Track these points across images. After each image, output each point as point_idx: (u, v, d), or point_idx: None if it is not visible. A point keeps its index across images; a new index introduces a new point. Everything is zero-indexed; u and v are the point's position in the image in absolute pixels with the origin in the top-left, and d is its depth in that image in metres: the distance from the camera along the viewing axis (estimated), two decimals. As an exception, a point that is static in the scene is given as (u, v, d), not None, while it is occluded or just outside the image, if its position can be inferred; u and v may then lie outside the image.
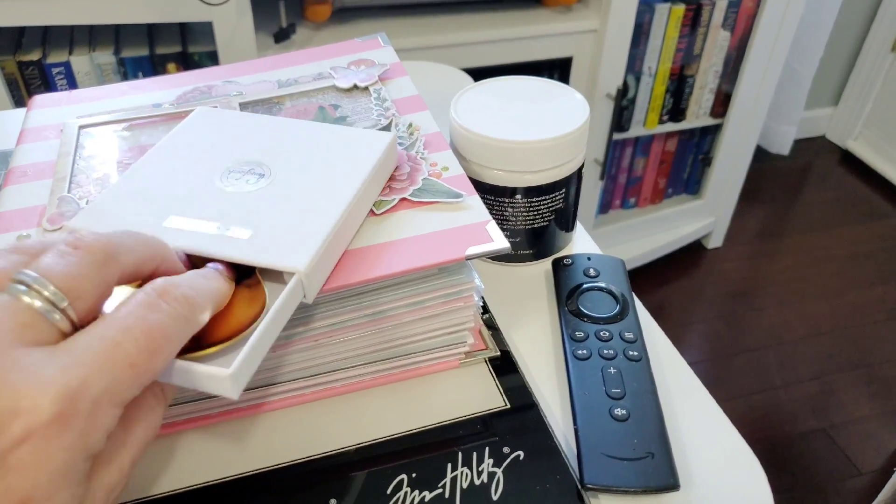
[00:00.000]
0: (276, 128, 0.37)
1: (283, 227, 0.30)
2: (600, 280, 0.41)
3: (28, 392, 0.18)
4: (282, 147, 0.36)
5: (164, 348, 0.21)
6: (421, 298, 0.34)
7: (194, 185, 0.33)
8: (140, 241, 0.24)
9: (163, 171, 0.34)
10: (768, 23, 1.29)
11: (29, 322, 0.20)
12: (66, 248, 0.22)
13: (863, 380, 1.34)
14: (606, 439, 0.32)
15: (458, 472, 0.32)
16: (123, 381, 0.20)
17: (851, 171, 1.94)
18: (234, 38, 0.95)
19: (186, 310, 0.23)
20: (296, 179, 0.34)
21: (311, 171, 0.34)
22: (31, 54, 0.93)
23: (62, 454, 0.19)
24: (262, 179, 0.33)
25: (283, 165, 0.34)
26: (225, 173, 0.34)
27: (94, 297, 0.22)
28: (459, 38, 1.10)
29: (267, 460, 0.33)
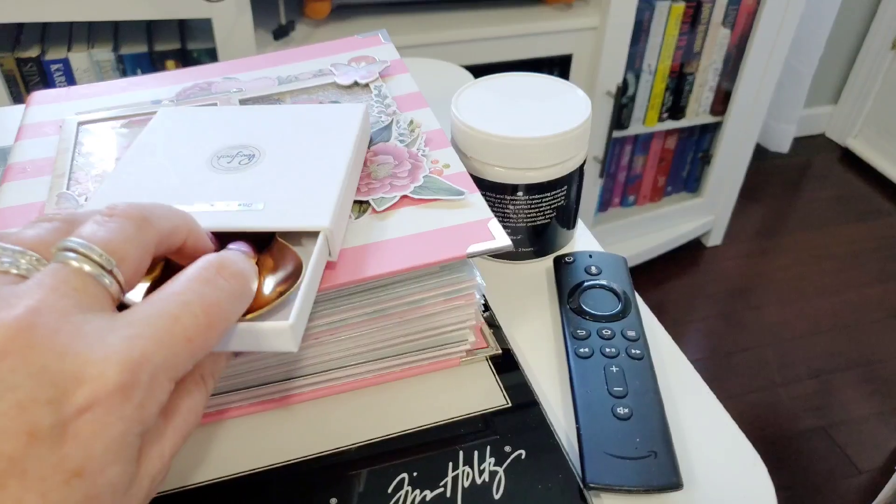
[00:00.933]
0: (248, 115, 0.38)
1: (293, 195, 0.31)
2: (602, 278, 0.40)
3: (93, 359, 0.18)
4: (262, 130, 0.36)
5: (219, 324, 0.22)
6: (422, 296, 0.34)
7: (187, 175, 0.33)
8: (169, 209, 0.25)
9: (148, 168, 0.34)
10: (769, 20, 1.29)
11: (81, 286, 0.20)
12: (102, 217, 0.22)
13: (862, 378, 1.34)
14: (609, 438, 0.32)
15: (459, 472, 0.32)
16: (180, 355, 0.20)
17: (851, 169, 1.94)
18: (233, 35, 0.95)
19: (241, 286, 0.23)
20: (287, 154, 0.34)
21: (299, 145, 0.35)
22: (29, 51, 0.92)
23: (120, 425, 0.18)
24: (253, 159, 0.34)
25: (270, 144, 0.35)
26: (214, 159, 0.34)
27: (137, 261, 0.22)
28: (459, 35, 1.10)
29: (268, 459, 0.32)
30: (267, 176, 0.33)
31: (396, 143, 0.38)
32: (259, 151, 0.34)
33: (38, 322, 0.18)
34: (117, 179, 0.33)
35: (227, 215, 0.30)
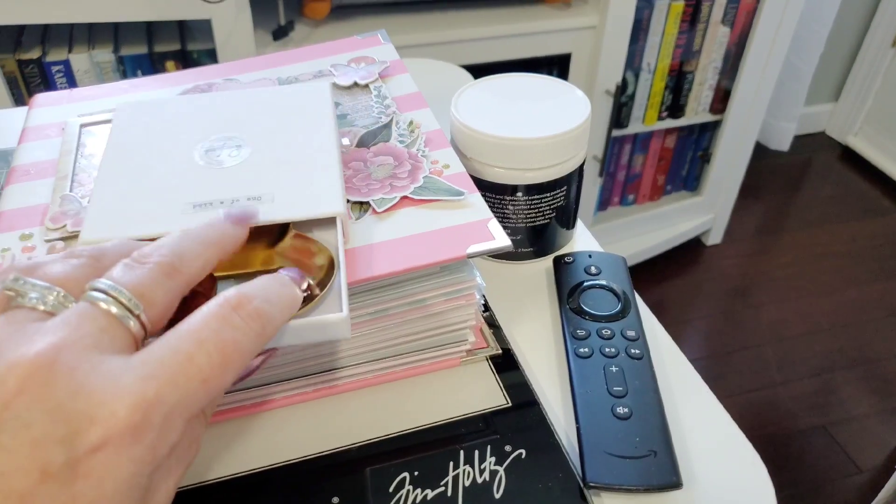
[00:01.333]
0: (215, 103, 0.38)
1: (297, 183, 0.32)
2: (601, 278, 0.41)
3: (106, 399, 0.18)
4: (237, 118, 0.37)
5: (235, 364, 0.21)
6: (422, 297, 0.34)
7: (181, 173, 0.33)
8: (201, 244, 0.24)
9: (137, 170, 0.33)
10: (768, 19, 1.29)
11: (107, 327, 0.20)
12: (133, 262, 0.22)
13: (862, 377, 1.34)
14: (608, 437, 0.32)
15: (459, 471, 0.32)
16: (194, 395, 0.20)
17: (851, 167, 1.94)
18: (233, 36, 0.95)
19: (259, 326, 0.22)
20: (273, 141, 0.35)
21: (281, 131, 0.36)
22: (30, 52, 0.92)
23: (131, 466, 0.19)
24: (242, 149, 0.34)
25: (252, 133, 0.35)
26: (202, 153, 0.34)
27: (165, 306, 0.22)
28: (458, 35, 1.10)
29: (269, 459, 0.33)
30: (262, 166, 0.33)
31: (396, 144, 0.39)
32: (245, 142, 0.35)
33: (58, 359, 0.18)
34: (109, 185, 0.32)
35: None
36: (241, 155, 0.34)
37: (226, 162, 0.34)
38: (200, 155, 0.34)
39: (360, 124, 0.40)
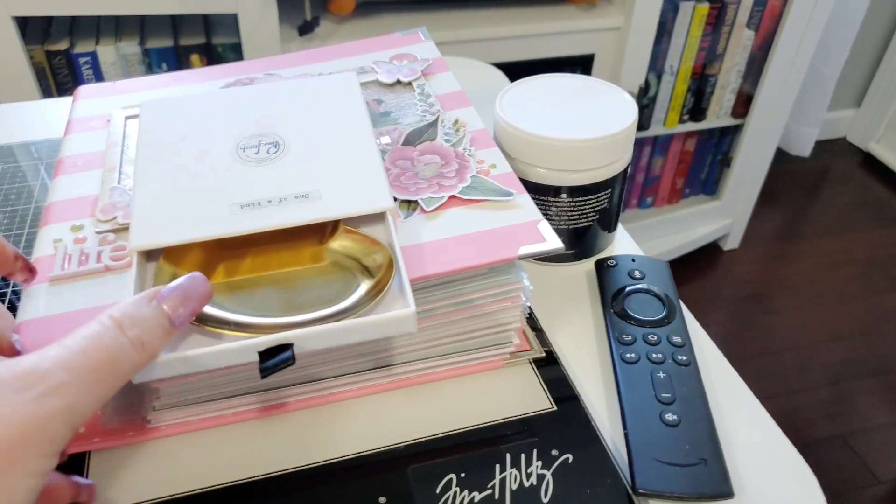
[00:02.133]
0: (244, 99, 0.38)
1: (343, 179, 0.32)
2: (646, 282, 0.40)
3: None
4: (270, 114, 0.36)
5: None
6: (469, 297, 0.33)
7: (220, 172, 0.33)
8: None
9: (175, 171, 0.33)
10: (794, 23, 1.27)
11: None
12: None
13: (881, 386, 1.33)
14: (657, 444, 0.32)
15: (506, 474, 0.32)
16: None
17: (872, 173, 1.92)
18: (258, 31, 0.95)
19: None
20: (310, 137, 0.35)
21: (316, 126, 0.35)
22: (59, 44, 0.93)
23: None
24: (279, 147, 0.34)
25: (287, 129, 0.35)
26: (239, 151, 0.34)
27: None
28: (482, 33, 1.09)
29: (318, 456, 0.32)
30: (303, 163, 0.33)
31: (442, 143, 0.38)
32: (280, 138, 0.34)
33: None
34: (148, 186, 0.31)
35: (289, 209, 0.31)
36: (280, 153, 0.34)
37: (264, 159, 0.33)
38: (237, 152, 0.34)
39: (405, 122, 0.40)
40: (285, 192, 0.32)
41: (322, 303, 0.29)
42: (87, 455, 0.32)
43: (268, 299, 0.30)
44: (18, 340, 0.27)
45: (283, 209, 0.31)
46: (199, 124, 0.35)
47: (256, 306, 0.29)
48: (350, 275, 0.31)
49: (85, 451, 0.32)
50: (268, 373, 0.27)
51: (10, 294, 0.41)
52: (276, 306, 0.29)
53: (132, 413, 0.32)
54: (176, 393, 0.31)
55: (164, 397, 0.31)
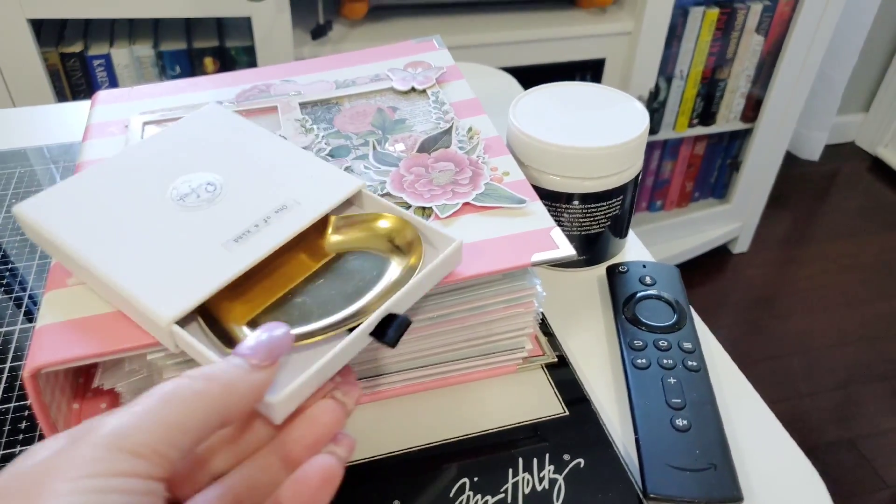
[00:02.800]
0: (137, 161, 0.35)
1: (301, 183, 0.33)
2: (656, 288, 0.41)
3: None
4: (171, 163, 0.34)
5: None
6: (483, 303, 0.34)
7: (182, 224, 0.31)
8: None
9: (136, 243, 0.30)
10: (803, 28, 1.27)
11: None
12: None
13: (890, 390, 1.33)
14: (668, 449, 0.33)
15: (519, 478, 0.32)
16: None
17: (881, 178, 1.91)
18: (272, 34, 0.96)
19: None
20: (232, 165, 0.34)
21: (225, 156, 0.34)
22: (73, 47, 0.94)
23: None
24: (215, 185, 0.33)
25: (204, 168, 0.34)
26: (181, 203, 0.32)
27: None
28: (494, 38, 1.10)
29: (330, 460, 0.33)
30: (252, 186, 0.33)
31: (456, 150, 0.39)
32: (206, 177, 0.33)
33: None
34: (132, 266, 0.29)
35: (281, 222, 0.31)
36: (217, 188, 0.33)
37: (213, 198, 0.32)
38: (179, 205, 0.32)
39: (420, 129, 0.41)
40: (263, 212, 0.31)
41: (366, 283, 0.30)
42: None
43: (318, 303, 0.30)
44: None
45: (275, 225, 0.30)
46: (114, 199, 0.32)
47: (312, 315, 0.29)
48: (373, 256, 0.32)
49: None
50: (396, 340, 0.27)
51: (26, 300, 0.42)
52: (333, 305, 0.30)
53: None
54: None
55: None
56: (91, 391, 0.34)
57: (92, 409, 0.33)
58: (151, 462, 0.20)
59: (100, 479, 0.19)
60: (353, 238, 0.32)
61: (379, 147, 0.39)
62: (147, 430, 0.21)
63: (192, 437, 0.22)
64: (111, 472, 0.19)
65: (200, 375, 0.23)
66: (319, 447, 0.25)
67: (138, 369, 0.31)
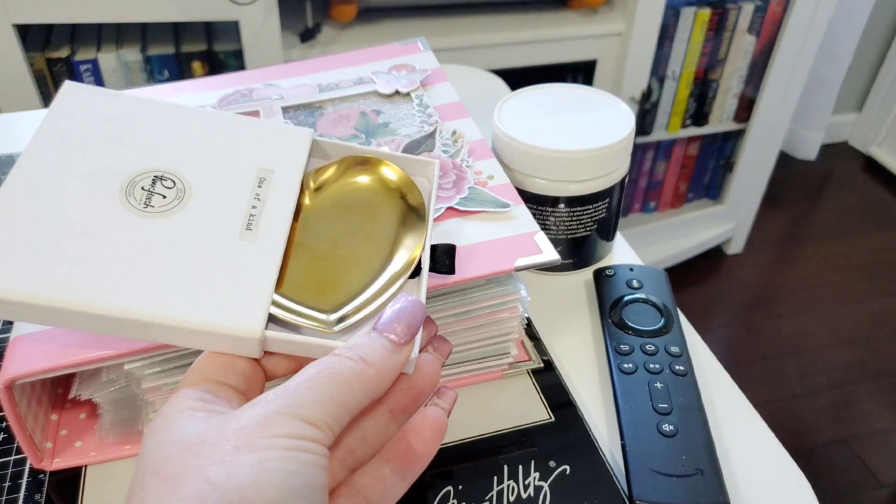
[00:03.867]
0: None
1: (265, 152, 0.31)
2: (643, 292, 0.40)
3: None
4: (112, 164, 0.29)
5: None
6: (467, 308, 0.34)
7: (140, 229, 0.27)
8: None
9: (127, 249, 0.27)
10: (795, 29, 1.27)
11: None
12: None
13: (885, 390, 1.33)
14: (654, 455, 0.32)
15: (504, 486, 0.32)
16: None
17: (874, 177, 1.92)
18: (260, 38, 0.95)
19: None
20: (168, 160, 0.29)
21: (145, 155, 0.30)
22: (59, 51, 0.93)
23: None
24: (176, 183, 0.29)
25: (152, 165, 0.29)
26: (141, 207, 0.28)
27: None
28: (484, 40, 1.09)
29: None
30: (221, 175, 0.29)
31: (440, 154, 0.38)
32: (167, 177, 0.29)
33: None
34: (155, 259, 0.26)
35: (277, 192, 0.29)
36: (176, 181, 0.29)
37: (177, 196, 0.28)
38: (147, 211, 0.27)
39: (403, 133, 0.40)
40: (248, 192, 0.29)
41: (382, 223, 0.30)
42: (84, 469, 0.32)
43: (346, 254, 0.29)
44: None
45: (272, 199, 0.29)
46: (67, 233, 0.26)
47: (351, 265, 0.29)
48: (367, 198, 0.31)
49: (81, 465, 0.32)
50: (453, 265, 0.30)
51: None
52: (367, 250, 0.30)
53: (129, 426, 0.32)
54: (174, 405, 0.31)
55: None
56: (69, 402, 0.33)
57: (70, 420, 0.33)
58: (324, 433, 0.22)
59: (291, 439, 0.21)
60: (338, 187, 0.31)
61: (362, 151, 0.39)
62: (320, 404, 0.22)
63: (350, 416, 0.23)
64: (298, 435, 0.21)
65: (357, 357, 0.24)
66: (423, 399, 0.27)
67: (116, 379, 0.30)
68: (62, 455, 0.32)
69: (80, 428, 0.33)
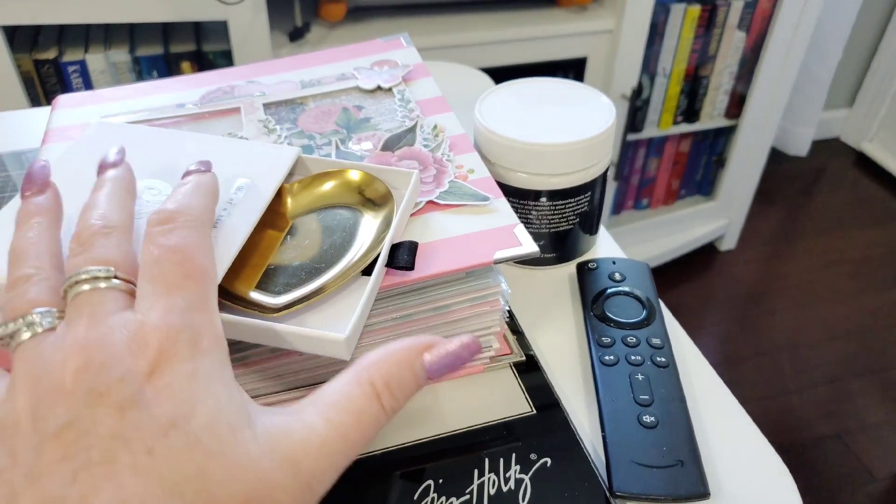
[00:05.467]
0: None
1: (247, 166, 0.34)
2: (626, 284, 0.40)
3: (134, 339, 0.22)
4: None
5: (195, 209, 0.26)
6: (447, 302, 0.33)
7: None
8: (114, 197, 0.27)
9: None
10: (784, 24, 1.28)
11: (104, 297, 0.23)
12: (77, 247, 0.25)
13: (877, 385, 1.33)
14: (635, 446, 0.32)
15: (485, 479, 0.32)
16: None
17: (866, 173, 1.92)
18: (249, 37, 0.95)
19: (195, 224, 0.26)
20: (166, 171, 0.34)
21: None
22: (47, 52, 0.93)
23: (188, 367, 0.22)
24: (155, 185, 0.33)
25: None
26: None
27: (123, 257, 0.25)
28: (474, 38, 1.10)
29: (292, 464, 0.32)
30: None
31: (421, 148, 0.38)
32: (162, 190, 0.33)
33: (91, 336, 0.21)
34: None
35: (245, 205, 0.31)
36: (163, 190, 0.32)
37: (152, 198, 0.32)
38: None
39: (384, 128, 0.40)
40: (224, 197, 0.31)
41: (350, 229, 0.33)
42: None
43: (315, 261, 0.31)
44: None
45: (242, 203, 0.31)
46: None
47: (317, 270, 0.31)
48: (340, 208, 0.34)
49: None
50: (412, 262, 0.31)
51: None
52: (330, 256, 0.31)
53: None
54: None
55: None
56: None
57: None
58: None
59: None
60: (313, 198, 0.34)
61: (342, 146, 0.39)
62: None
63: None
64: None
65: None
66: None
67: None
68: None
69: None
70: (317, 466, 0.22)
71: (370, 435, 0.24)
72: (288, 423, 0.23)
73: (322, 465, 0.22)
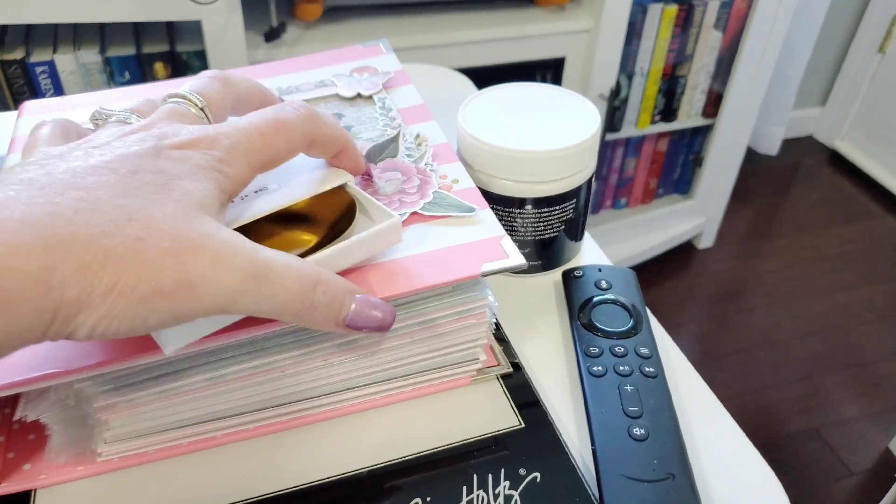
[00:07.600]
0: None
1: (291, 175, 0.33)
2: (612, 292, 0.40)
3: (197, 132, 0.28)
4: None
5: (287, 128, 0.29)
6: (433, 316, 0.33)
7: None
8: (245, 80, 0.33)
9: None
10: (760, 24, 1.29)
11: (183, 111, 0.29)
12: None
13: (852, 380, 1.35)
14: (625, 460, 0.32)
15: (473, 496, 0.31)
16: (255, 143, 0.28)
17: (839, 170, 1.95)
18: (224, 38, 0.94)
19: (306, 111, 0.30)
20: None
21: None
22: (13, 53, 0.90)
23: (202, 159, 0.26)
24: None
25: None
26: None
27: (221, 102, 0.31)
28: (451, 38, 1.09)
29: (278, 484, 0.31)
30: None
31: (404, 159, 0.37)
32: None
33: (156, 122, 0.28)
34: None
35: (258, 201, 0.31)
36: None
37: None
38: None
39: (366, 137, 0.39)
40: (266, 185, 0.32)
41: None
42: (34, 494, 0.30)
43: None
44: None
45: (251, 204, 0.31)
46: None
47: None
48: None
49: (31, 489, 0.30)
50: None
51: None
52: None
53: (81, 446, 0.31)
54: (128, 422, 0.30)
55: (116, 427, 0.30)
56: (17, 422, 0.32)
57: (18, 442, 0.31)
58: None
59: None
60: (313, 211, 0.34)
61: (323, 155, 0.38)
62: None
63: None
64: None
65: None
66: None
67: (65, 398, 0.29)
68: (9, 479, 0.30)
69: (29, 450, 0.31)
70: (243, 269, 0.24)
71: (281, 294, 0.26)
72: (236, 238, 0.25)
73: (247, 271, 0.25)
